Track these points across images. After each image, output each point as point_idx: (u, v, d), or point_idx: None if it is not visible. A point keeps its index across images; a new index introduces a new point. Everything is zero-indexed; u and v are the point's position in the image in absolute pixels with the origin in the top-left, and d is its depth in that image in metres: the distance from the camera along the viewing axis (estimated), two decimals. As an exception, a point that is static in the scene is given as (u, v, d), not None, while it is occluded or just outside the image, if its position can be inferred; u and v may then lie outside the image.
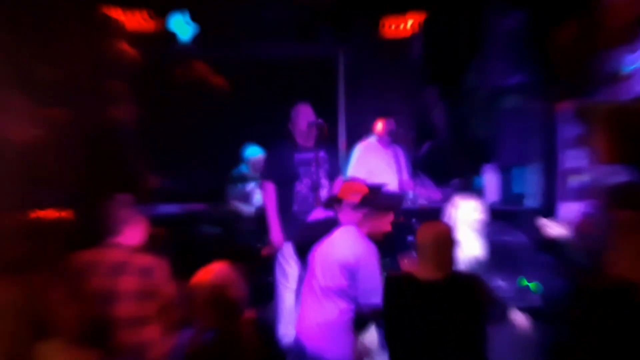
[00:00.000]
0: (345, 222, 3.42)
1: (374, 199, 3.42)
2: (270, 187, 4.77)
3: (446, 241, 2.93)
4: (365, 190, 3.51)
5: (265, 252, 5.03)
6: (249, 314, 2.91)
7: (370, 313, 3.32)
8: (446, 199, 5.19)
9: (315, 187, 4.69)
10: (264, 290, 5.30)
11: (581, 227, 3.71)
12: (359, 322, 3.40)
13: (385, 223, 3.43)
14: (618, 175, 4.58)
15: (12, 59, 4.70)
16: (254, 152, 6.17)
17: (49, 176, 5.20)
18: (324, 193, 4.73)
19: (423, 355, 2.79)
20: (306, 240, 3.51)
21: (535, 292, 4.70)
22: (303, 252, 3.53)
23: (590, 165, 5.38)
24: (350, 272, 3.23)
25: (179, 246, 4.76)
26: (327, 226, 3.44)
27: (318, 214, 3.76)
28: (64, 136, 5.28)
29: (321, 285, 3.31)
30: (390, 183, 5.30)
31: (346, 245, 3.30)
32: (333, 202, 3.57)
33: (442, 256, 2.90)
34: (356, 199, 3.46)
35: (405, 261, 3.79)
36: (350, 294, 3.27)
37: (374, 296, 3.22)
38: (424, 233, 2.97)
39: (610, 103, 5.16)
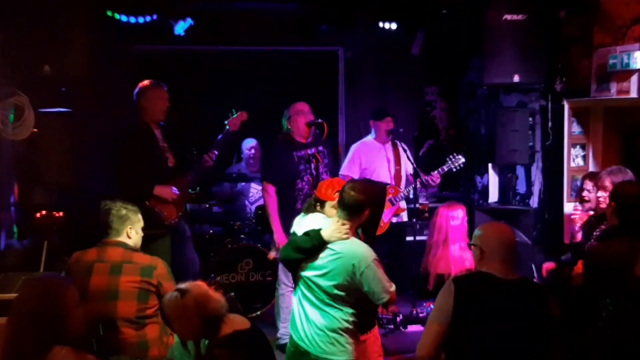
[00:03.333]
0: None
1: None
2: (271, 189, 4.65)
3: (514, 242, 2.89)
4: None
5: (271, 256, 4.97)
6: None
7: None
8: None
9: (317, 184, 4.59)
10: (265, 290, 5.30)
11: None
12: (365, 322, 3.33)
13: (376, 214, 3.28)
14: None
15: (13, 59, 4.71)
16: (247, 144, 6.16)
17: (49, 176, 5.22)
18: None
19: (500, 350, 2.72)
20: None
21: None
22: None
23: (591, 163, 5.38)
24: (351, 277, 3.11)
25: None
26: None
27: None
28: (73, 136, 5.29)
29: (319, 293, 3.20)
30: (384, 179, 5.25)
31: (343, 251, 3.15)
32: (315, 204, 3.43)
33: (513, 257, 2.85)
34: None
35: None
36: (351, 299, 3.17)
37: (384, 294, 3.15)
38: (493, 235, 2.88)
39: (610, 102, 5.16)
